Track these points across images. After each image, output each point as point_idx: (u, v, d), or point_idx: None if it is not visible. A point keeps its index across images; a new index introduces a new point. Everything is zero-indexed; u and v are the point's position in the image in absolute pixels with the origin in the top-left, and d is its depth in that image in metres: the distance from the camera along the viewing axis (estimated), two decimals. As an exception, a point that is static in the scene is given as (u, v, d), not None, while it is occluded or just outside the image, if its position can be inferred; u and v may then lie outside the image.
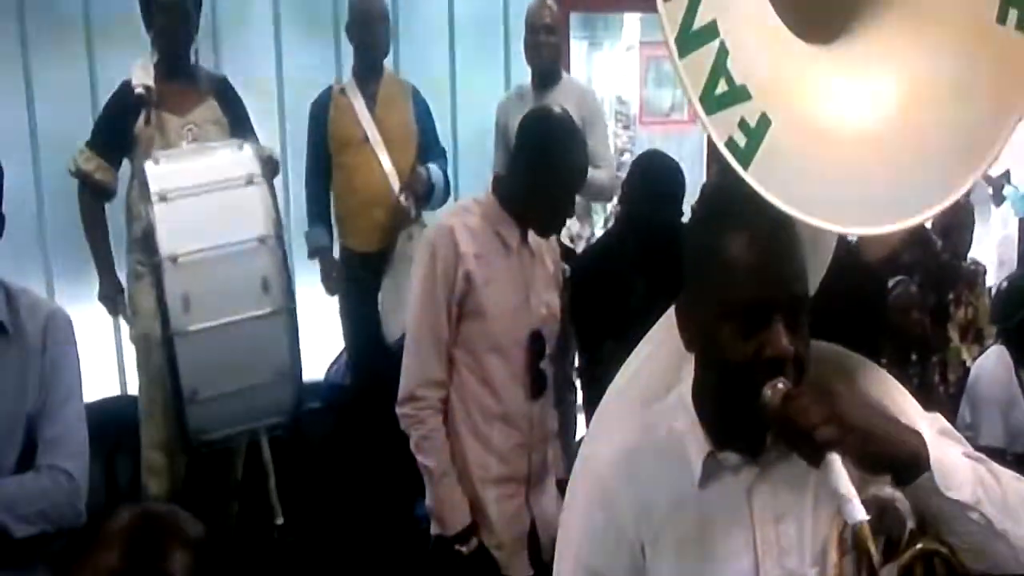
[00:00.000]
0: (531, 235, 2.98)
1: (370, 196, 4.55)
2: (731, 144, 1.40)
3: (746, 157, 1.41)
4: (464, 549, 2.92)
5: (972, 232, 5.57)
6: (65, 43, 4.98)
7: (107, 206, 4.21)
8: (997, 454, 3.99)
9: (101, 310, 4.33)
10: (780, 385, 1.40)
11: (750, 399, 1.41)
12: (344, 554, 4.33)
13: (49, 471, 2.26)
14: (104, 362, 4.94)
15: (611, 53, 7.60)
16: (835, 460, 1.35)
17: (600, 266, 3.48)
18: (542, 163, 2.86)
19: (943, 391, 4.64)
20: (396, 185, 4.51)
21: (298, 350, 3.49)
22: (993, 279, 5.62)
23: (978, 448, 4.20)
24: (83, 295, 4.37)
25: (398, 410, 2.92)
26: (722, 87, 1.40)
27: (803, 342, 1.45)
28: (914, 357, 4.33)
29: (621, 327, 2.83)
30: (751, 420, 1.44)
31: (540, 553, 3.01)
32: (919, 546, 1.46)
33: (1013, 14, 1.51)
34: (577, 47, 6.83)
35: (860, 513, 1.32)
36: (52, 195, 4.81)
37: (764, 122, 1.42)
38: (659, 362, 1.73)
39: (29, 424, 2.29)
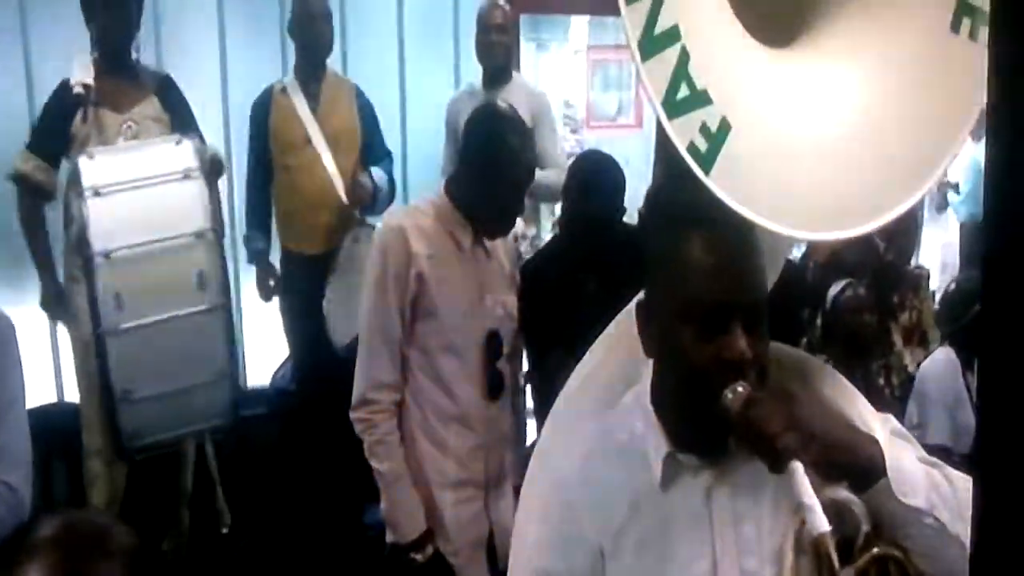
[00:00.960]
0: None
1: (314, 198, 4.53)
2: (692, 149, 1.42)
3: (707, 162, 1.42)
4: (419, 557, 2.91)
5: (917, 236, 5.65)
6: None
7: (48, 212, 4.15)
8: (944, 453, 4.06)
9: (37, 314, 4.26)
10: (740, 389, 1.42)
11: (710, 402, 1.43)
12: (293, 563, 4.30)
13: None
14: (40, 367, 4.86)
15: (558, 56, 7.61)
16: (798, 468, 1.37)
17: (548, 269, 3.48)
18: (489, 162, 2.86)
19: (888, 394, 4.69)
20: (340, 187, 4.48)
21: (235, 348, 3.47)
22: (936, 283, 5.70)
23: (926, 447, 4.24)
24: (18, 300, 4.30)
25: (352, 415, 2.90)
26: (683, 91, 1.42)
27: (763, 345, 1.47)
28: (857, 360, 4.37)
29: (571, 329, 2.82)
30: (711, 423, 1.45)
31: (497, 560, 3.00)
32: (875, 550, 1.47)
33: (966, 23, 1.55)
34: (525, 49, 6.83)
35: (823, 524, 1.35)
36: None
37: (724, 127, 1.44)
38: (614, 364, 1.74)
39: None
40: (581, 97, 7.41)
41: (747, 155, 1.45)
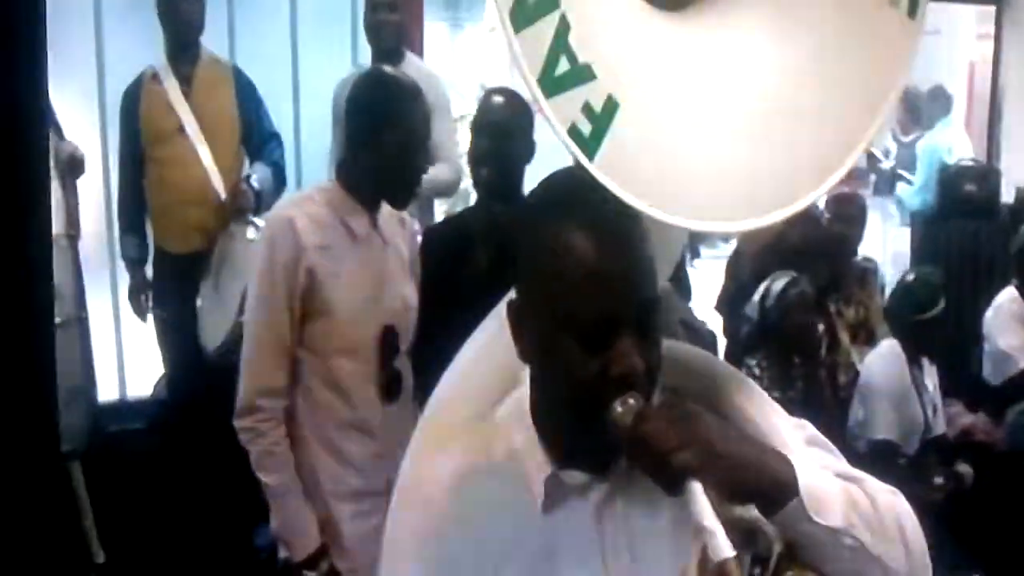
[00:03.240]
0: (382, 222, 2.96)
1: (187, 193, 4.46)
2: (574, 132, 1.36)
3: (591, 146, 1.37)
4: (314, 574, 2.88)
5: (863, 226, 5.70)
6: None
7: None
8: (890, 449, 4.10)
9: None
10: (632, 401, 1.35)
11: (597, 417, 1.36)
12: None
13: None
14: None
15: (474, 35, 7.58)
16: (696, 488, 1.32)
17: (444, 235, 3.43)
18: (381, 122, 2.85)
19: (831, 394, 4.71)
20: (217, 180, 4.42)
21: (92, 365, 3.38)
22: (886, 277, 5.75)
23: (872, 443, 4.27)
24: None
25: (236, 423, 2.86)
26: (563, 66, 1.36)
27: (654, 349, 1.41)
28: (797, 360, 4.37)
29: (456, 311, 2.72)
30: (599, 439, 1.39)
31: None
32: (788, 574, 1.44)
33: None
34: (435, 29, 6.78)
35: (727, 549, 1.29)
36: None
37: (611, 106, 1.39)
38: (493, 365, 1.65)
39: None
40: (500, 80, 7.38)
41: (637, 137, 1.40)
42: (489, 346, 1.68)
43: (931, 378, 4.67)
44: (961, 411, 4.86)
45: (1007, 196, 6.90)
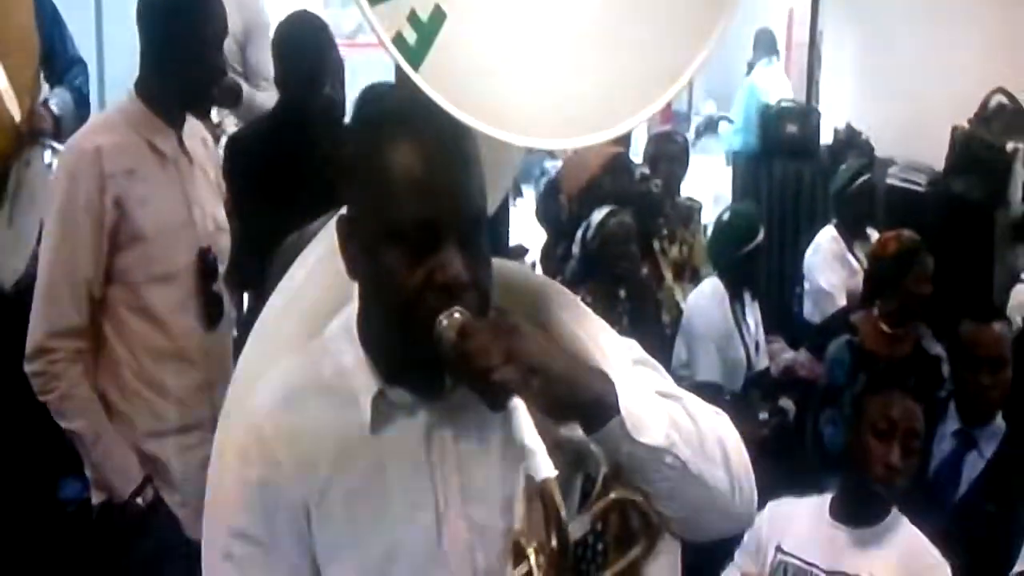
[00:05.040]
0: (188, 140, 2.93)
1: None
2: (399, 41, 1.38)
3: (416, 56, 1.39)
4: (140, 500, 2.84)
5: (684, 164, 5.84)
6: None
7: None
8: (714, 390, 4.23)
9: None
10: (457, 315, 1.38)
11: (422, 331, 1.38)
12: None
13: None
14: None
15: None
16: (519, 406, 1.35)
17: (256, 143, 3.42)
18: (175, 21, 2.83)
19: (657, 331, 4.82)
20: (11, 101, 4.22)
21: None
22: (708, 216, 5.90)
23: (696, 385, 4.36)
24: None
25: (27, 368, 2.80)
26: None
27: (482, 265, 1.44)
28: (623, 294, 4.46)
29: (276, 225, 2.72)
30: (425, 355, 1.41)
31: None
32: (612, 495, 1.48)
33: None
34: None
35: (547, 469, 1.32)
36: None
37: (438, 16, 1.41)
38: (323, 279, 1.66)
39: None
40: (314, 12, 7.26)
41: (464, 49, 1.43)
42: (320, 263, 1.69)
43: (753, 315, 4.81)
44: (783, 348, 5.02)
45: (826, 138, 7.16)
